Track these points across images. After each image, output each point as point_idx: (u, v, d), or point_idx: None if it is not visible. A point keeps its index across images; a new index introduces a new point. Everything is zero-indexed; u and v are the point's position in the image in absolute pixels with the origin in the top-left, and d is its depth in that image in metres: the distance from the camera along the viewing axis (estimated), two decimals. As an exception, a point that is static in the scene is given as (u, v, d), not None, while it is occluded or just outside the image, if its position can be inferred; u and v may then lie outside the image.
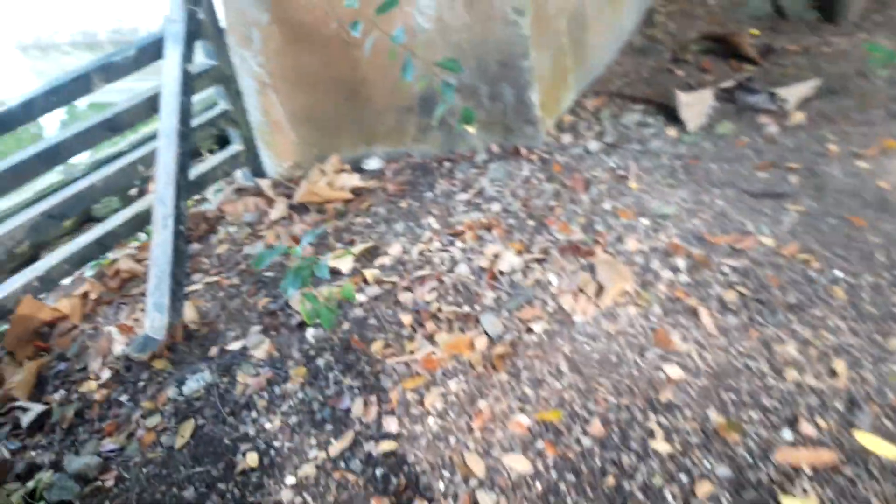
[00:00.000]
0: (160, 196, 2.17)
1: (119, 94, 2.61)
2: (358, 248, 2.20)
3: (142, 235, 2.76)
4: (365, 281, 2.05)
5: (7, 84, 8.99)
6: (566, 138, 2.52)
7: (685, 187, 2.13)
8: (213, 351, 1.94)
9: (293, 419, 1.64)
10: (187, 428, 1.68)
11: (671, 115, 2.52)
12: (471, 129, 2.32)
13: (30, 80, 8.94)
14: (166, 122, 2.25)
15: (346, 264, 2.09)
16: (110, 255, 2.63)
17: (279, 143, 2.96)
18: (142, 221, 2.57)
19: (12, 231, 2.22)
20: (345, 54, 2.63)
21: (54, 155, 2.29)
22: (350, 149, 2.89)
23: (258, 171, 3.00)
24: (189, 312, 2.10)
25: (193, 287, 2.27)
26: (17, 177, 2.21)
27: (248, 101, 2.88)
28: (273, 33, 2.68)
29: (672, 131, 2.45)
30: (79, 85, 2.30)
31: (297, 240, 2.40)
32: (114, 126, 2.44)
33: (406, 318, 1.84)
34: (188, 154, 2.29)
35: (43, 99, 2.21)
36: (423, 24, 2.45)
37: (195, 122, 2.62)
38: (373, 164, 2.83)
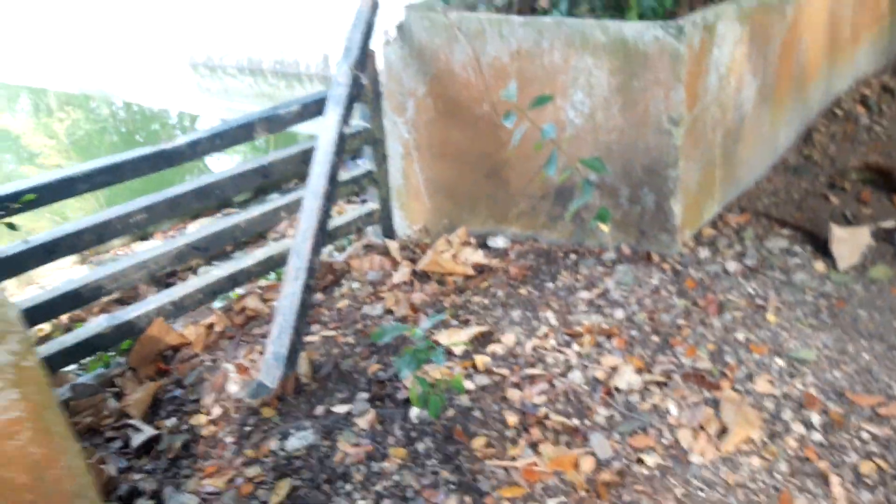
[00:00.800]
0: (297, 248, 2.26)
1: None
2: (472, 331, 2.20)
3: (271, 275, 2.89)
4: (475, 367, 2.03)
5: (175, 97, 9.81)
6: (703, 252, 2.44)
7: (829, 332, 1.99)
8: (320, 410, 1.98)
9: (386, 502, 1.63)
10: (284, 487, 1.71)
11: (821, 247, 2.39)
12: (604, 228, 2.29)
13: (195, 96, 9.73)
14: (315, 181, 2.37)
15: (459, 346, 2.08)
16: (239, 291, 2.77)
17: (413, 207, 3.04)
18: (274, 264, 2.70)
19: (158, 257, 2.39)
20: (492, 135, 2.69)
21: (209, 193, 2.45)
22: (479, 224, 2.92)
23: (388, 231, 3.09)
24: (303, 365, 2.16)
25: (311, 338, 2.34)
26: (172, 208, 2.38)
27: (391, 163, 2.99)
28: (427, 105, 2.78)
29: (820, 266, 2.31)
30: (242, 132, 2.47)
31: (414, 308, 2.43)
32: (266, 174, 2.59)
33: (511, 419, 1.81)
34: (329, 212, 2.38)
35: (208, 141, 2.38)
36: (574, 119, 2.46)
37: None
38: (499, 242, 2.84)
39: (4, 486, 0.97)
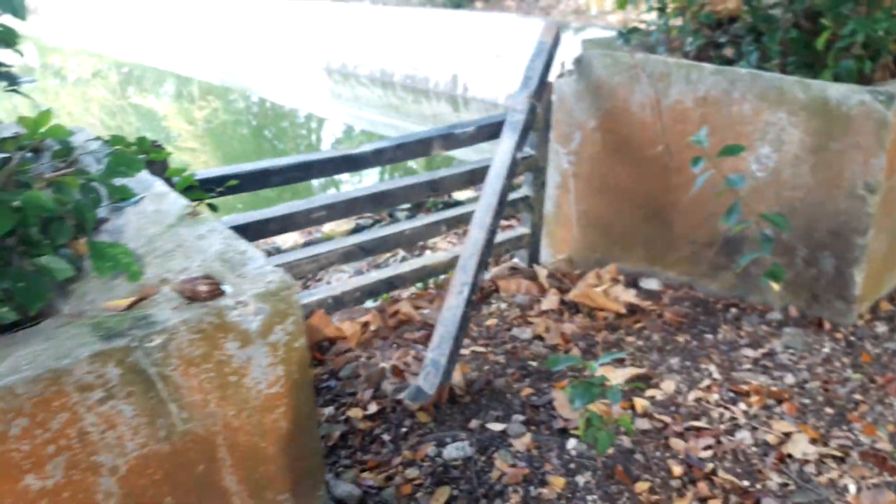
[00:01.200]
0: (463, 264, 2.32)
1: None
2: (628, 372, 2.18)
3: (419, 285, 2.98)
4: (633, 410, 2.01)
5: (306, 99, 10.25)
6: (880, 327, 2.31)
7: None
8: (474, 424, 2.01)
9: (545, 529, 1.63)
10: (443, 494, 1.74)
11: None
12: (775, 286, 2.22)
13: (326, 101, 10.14)
14: (486, 200, 2.42)
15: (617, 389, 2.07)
16: (391, 295, 2.86)
17: (560, 237, 3.05)
18: (426, 273, 2.77)
19: (329, 253, 2.51)
20: (660, 176, 2.67)
21: (381, 199, 2.56)
22: (630, 263, 2.89)
23: (533, 257, 3.11)
24: (457, 376, 2.20)
25: (462, 351, 2.38)
26: (348, 209, 2.50)
27: (548, 192, 3.01)
28: (594, 139, 2.80)
29: None
30: (421, 147, 2.57)
31: (565, 339, 2.44)
32: (434, 187, 2.68)
33: (676, 469, 1.77)
34: (496, 231, 2.43)
35: (391, 151, 2.49)
36: (756, 172, 2.41)
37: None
38: (651, 284, 2.81)
39: (256, 455, 1.04)
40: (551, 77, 2.79)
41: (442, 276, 2.98)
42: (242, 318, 0.94)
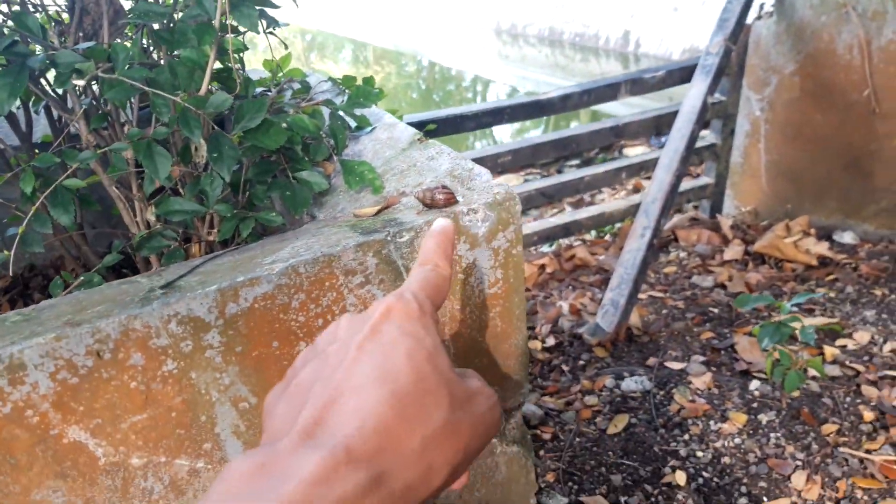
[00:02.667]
0: (646, 208, 2.35)
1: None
2: (818, 321, 2.12)
3: (592, 232, 3.03)
4: (823, 357, 1.97)
5: (474, 61, 10.37)
6: None
7: None
8: (652, 361, 2.06)
9: (725, 459, 1.67)
10: (622, 421, 1.83)
11: None
12: None
13: (493, 62, 10.21)
14: (674, 144, 2.42)
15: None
16: (565, 241, 2.95)
17: (746, 188, 2.96)
18: (603, 221, 2.82)
19: (512, 195, 2.63)
20: (863, 124, 2.50)
21: (565, 144, 2.63)
22: (823, 215, 2.76)
23: (715, 208, 3.04)
24: (634, 318, 2.26)
25: (639, 296, 2.43)
26: (533, 154, 2.59)
27: (736, 140, 2.92)
28: (792, 84, 2.67)
29: None
30: (608, 91, 2.59)
31: (750, 287, 2.40)
32: (618, 133, 2.70)
33: (867, 414, 1.73)
34: (682, 178, 2.42)
35: (578, 97, 2.54)
36: (982, 114, 2.20)
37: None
38: (846, 238, 2.66)
39: (474, 347, 1.19)
40: (748, 19, 2.68)
41: (618, 224, 3.01)
42: (472, 223, 1.08)
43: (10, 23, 1.07)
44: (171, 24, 1.12)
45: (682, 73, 2.65)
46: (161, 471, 0.97)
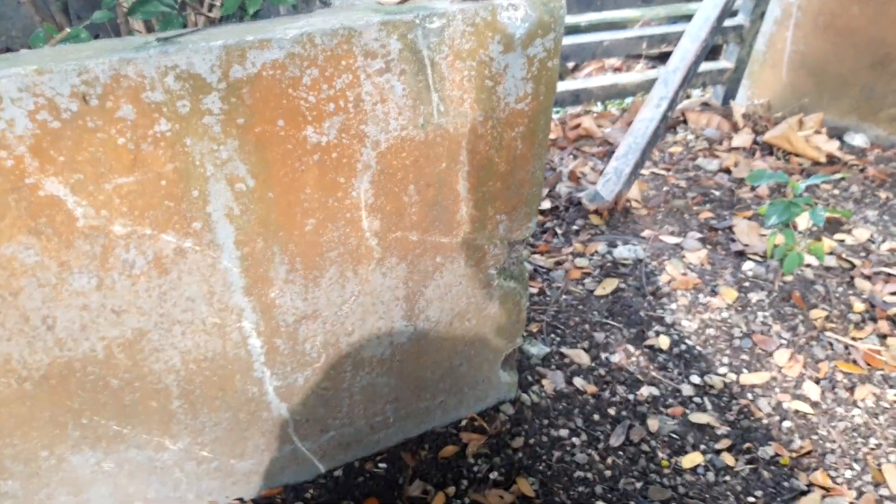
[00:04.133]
0: (665, 77, 2.23)
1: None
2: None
3: (599, 105, 2.91)
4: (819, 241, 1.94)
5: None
6: None
7: None
8: (647, 233, 2.02)
9: (710, 331, 1.67)
10: (610, 284, 1.81)
11: None
12: None
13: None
14: (705, 13, 2.26)
15: (803, 221, 1.99)
16: (571, 110, 2.83)
17: (764, 78, 2.84)
18: (615, 93, 2.69)
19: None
20: (904, 18, 2.37)
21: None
22: (838, 115, 2.67)
23: (729, 95, 2.93)
24: (634, 191, 2.19)
25: (641, 172, 2.35)
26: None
27: (763, 26, 2.77)
28: (836, -33, 2.49)
29: None
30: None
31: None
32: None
33: (857, 305, 1.72)
34: (707, 50, 2.29)
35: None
36: None
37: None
38: (857, 140, 2.59)
39: (489, 168, 1.11)
40: None
41: (629, 99, 2.89)
42: (511, 21, 0.97)
43: None
44: None
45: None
46: (145, 244, 0.90)
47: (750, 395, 1.49)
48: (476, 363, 1.35)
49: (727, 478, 1.31)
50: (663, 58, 3.27)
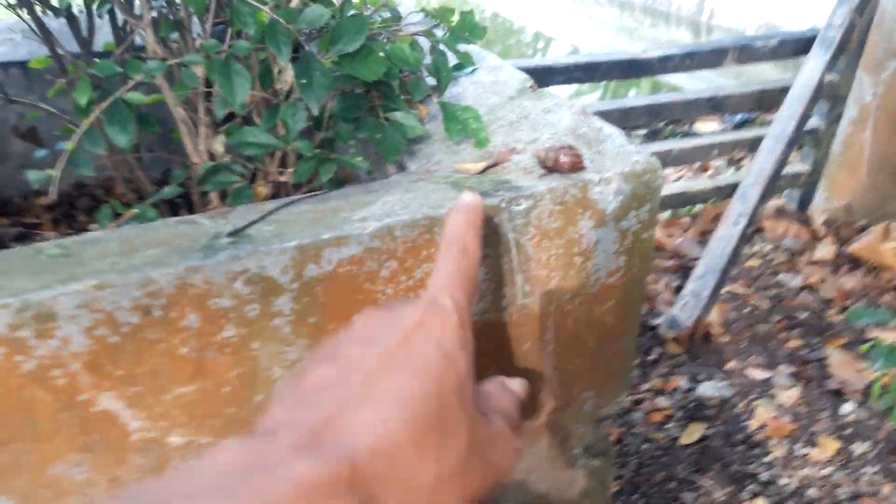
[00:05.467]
0: (744, 192, 2.12)
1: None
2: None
3: (667, 213, 2.80)
4: (927, 386, 1.76)
5: (539, 17, 9.93)
6: None
7: None
8: (732, 365, 1.87)
9: (811, 491, 1.49)
10: (696, 430, 1.65)
11: None
12: None
13: (558, 19, 9.77)
14: (781, 125, 2.17)
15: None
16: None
17: (842, 180, 2.70)
18: (685, 200, 2.59)
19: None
20: None
21: (657, 111, 2.39)
22: (927, 223, 2.50)
23: (805, 199, 2.79)
24: (714, 315, 2.05)
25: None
26: (622, 119, 2.36)
27: (840, 127, 2.65)
28: (918, 71, 2.38)
29: None
30: (713, 56, 2.33)
31: (844, 295, 2.18)
32: (716, 105, 2.44)
33: (983, 461, 1.53)
34: (787, 161, 2.18)
35: (679, 59, 2.29)
36: None
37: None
38: (953, 252, 2.40)
39: (577, 346, 1.01)
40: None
41: (699, 206, 2.77)
42: (602, 196, 0.88)
43: None
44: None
45: (797, 45, 2.38)
46: (203, 452, 0.82)
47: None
48: (556, 542, 1.21)
49: None
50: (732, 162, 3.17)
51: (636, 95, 5.26)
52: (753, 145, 2.58)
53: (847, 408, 1.68)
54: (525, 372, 0.98)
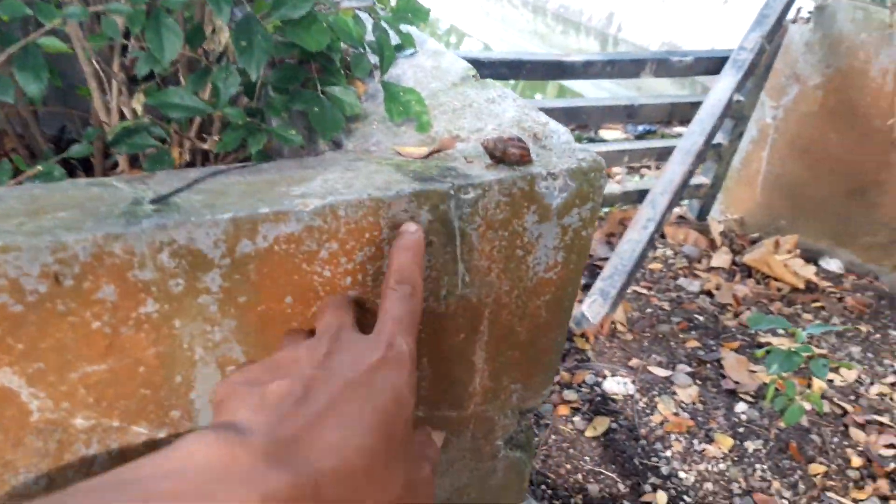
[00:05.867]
0: (653, 199, 2.20)
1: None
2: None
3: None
4: (809, 388, 1.88)
5: (452, 12, 9.96)
6: None
7: None
8: (635, 363, 1.94)
9: (708, 485, 1.57)
10: (601, 424, 1.70)
11: None
12: None
13: (472, 16, 9.85)
14: (693, 138, 2.26)
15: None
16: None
17: (739, 195, 2.86)
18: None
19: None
20: (880, 152, 2.41)
21: (574, 114, 2.44)
22: (812, 237, 2.68)
23: (704, 210, 2.94)
24: (619, 313, 2.12)
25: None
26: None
27: (741, 145, 2.80)
28: (813, 97, 2.55)
29: None
30: (632, 66, 2.40)
31: (738, 301, 2.30)
32: (631, 113, 2.52)
33: (855, 459, 1.65)
34: (694, 172, 2.28)
35: (601, 65, 2.35)
36: None
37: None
38: (832, 265, 2.60)
39: (509, 338, 1.00)
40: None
41: (606, 209, 2.86)
42: (548, 191, 0.87)
43: None
44: None
45: (710, 63, 2.49)
46: (110, 437, 0.75)
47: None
48: (469, 534, 1.20)
49: None
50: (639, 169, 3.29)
51: (543, 98, 5.37)
52: (661, 155, 2.69)
53: (740, 407, 1.78)
54: (458, 362, 0.96)
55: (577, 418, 1.71)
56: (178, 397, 0.77)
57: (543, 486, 1.50)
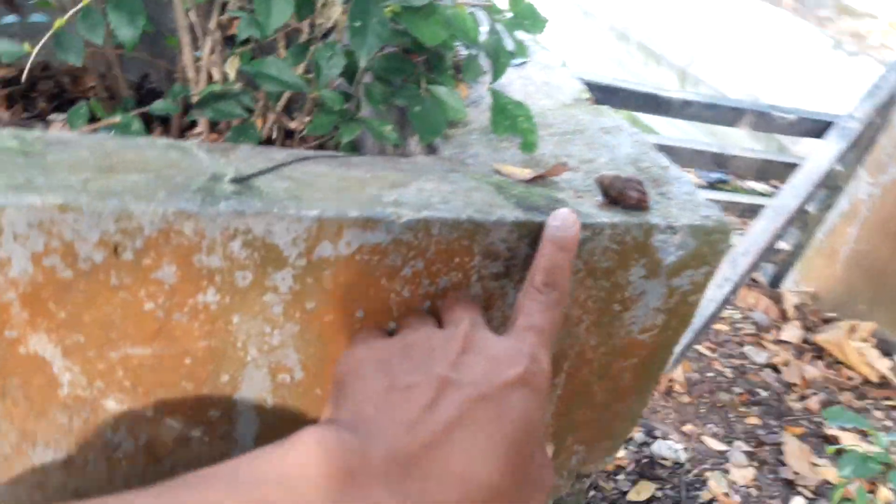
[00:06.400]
0: (734, 259, 2.07)
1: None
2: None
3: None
4: (872, 493, 1.73)
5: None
6: None
7: None
8: (689, 429, 1.81)
9: (752, 580, 1.43)
10: (646, 489, 1.58)
11: None
12: None
13: (563, 38, 9.76)
14: (784, 200, 2.12)
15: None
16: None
17: (818, 268, 2.69)
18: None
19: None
20: None
21: (664, 151, 2.32)
22: (891, 328, 2.50)
23: (778, 277, 2.78)
24: (678, 372, 1.99)
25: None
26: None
27: (829, 216, 2.64)
28: (919, 180, 2.38)
29: None
30: (731, 114, 2.28)
31: (806, 383, 2.15)
32: (720, 162, 2.39)
33: (920, 585, 1.49)
34: (780, 238, 2.14)
35: (699, 107, 2.23)
36: None
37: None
38: (911, 362, 2.42)
39: (583, 397, 0.90)
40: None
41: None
42: (664, 246, 0.77)
43: None
44: None
45: (814, 126, 2.35)
46: (140, 426, 0.68)
47: None
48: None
49: None
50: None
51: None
52: (743, 211, 2.55)
53: (798, 502, 1.64)
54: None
55: (620, 477, 1.59)
56: (220, 397, 0.69)
57: (574, 547, 1.39)
